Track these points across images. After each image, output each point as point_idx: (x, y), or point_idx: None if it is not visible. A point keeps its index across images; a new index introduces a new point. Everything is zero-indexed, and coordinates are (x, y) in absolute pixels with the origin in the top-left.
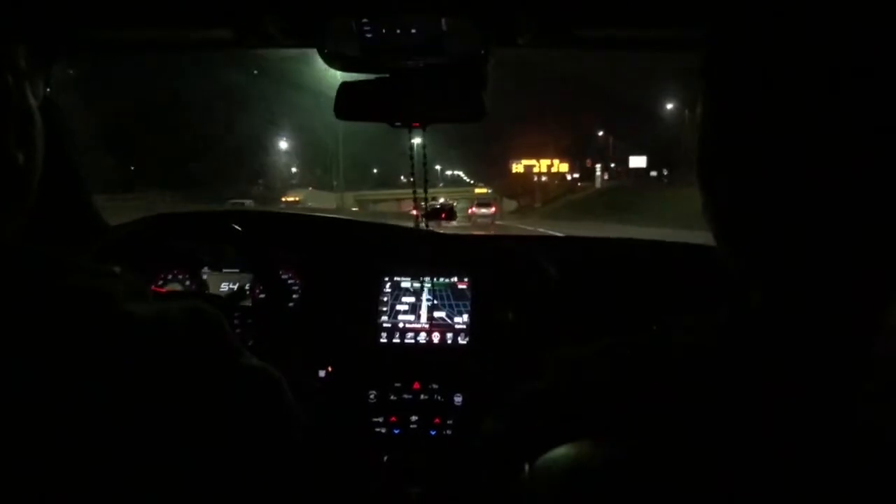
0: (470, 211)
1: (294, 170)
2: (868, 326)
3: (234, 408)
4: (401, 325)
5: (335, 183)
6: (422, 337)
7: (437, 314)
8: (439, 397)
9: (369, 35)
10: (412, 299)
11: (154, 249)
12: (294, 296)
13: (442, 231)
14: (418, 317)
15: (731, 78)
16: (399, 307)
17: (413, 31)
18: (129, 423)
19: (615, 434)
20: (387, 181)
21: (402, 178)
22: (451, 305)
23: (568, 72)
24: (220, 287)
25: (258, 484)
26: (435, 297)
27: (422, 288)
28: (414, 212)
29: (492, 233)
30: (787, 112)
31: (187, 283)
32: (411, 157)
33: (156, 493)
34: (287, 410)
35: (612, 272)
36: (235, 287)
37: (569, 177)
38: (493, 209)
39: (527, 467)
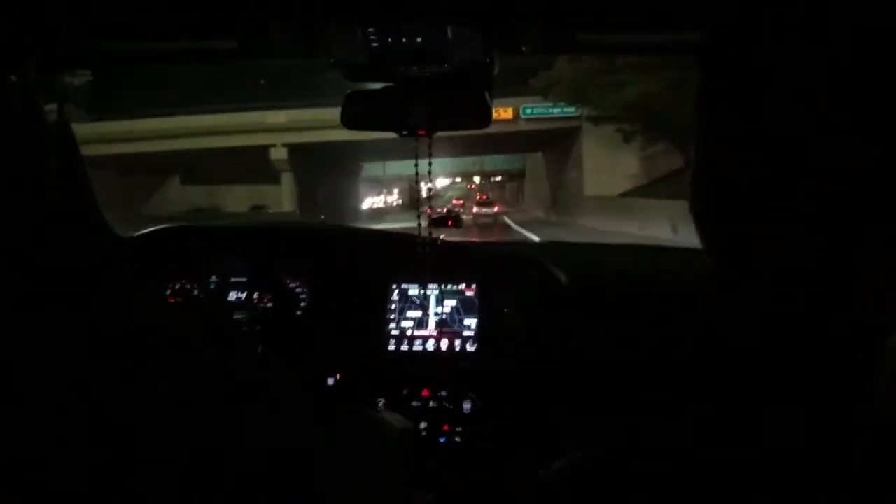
0: (473, 210)
1: None
2: (876, 328)
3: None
4: (409, 332)
5: None
6: (430, 344)
7: (445, 321)
8: (448, 404)
9: (375, 44)
10: (420, 307)
11: (162, 260)
12: (302, 304)
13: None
14: (426, 324)
15: (731, 78)
16: (407, 315)
17: (419, 39)
18: (138, 436)
19: (622, 440)
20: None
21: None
22: (458, 312)
23: None
24: (228, 296)
25: (266, 493)
26: (442, 304)
27: (429, 295)
28: None
29: (499, 240)
30: (787, 112)
31: (196, 292)
32: (416, 165)
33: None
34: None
35: (624, 279)
36: (244, 296)
37: None
38: (495, 209)
39: (542, 473)
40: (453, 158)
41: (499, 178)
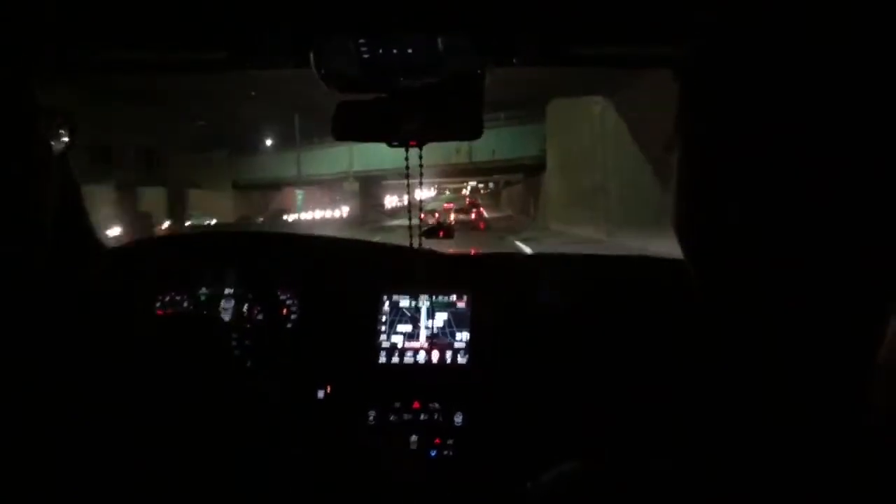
0: (451, 218)
1: None
2: (870, 336)
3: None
4: (400, 344)
5: None
6: (421, 356)
7: (436, 333)
8: (439, 417)
9: (366, 55)
10: (411, 318)
11: (152, 271)
12: (293, 316)
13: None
14: (417, 336)
15: (714, 97)
16: (398, 326)
17: (410, 50)
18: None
19: (610, 455)
20: None
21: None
22: (450, 324)
23: None
24: (218, 308)
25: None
26: (434, 316)
27: (420, 307)
28: None
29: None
30: (770, 123)
31: (186, 304)
32: (407, 176)
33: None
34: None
35: (616, 291)
36: (234, 308)
37: None
38: (473, 216)
39: (529, 485)
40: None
41: (490, 186)
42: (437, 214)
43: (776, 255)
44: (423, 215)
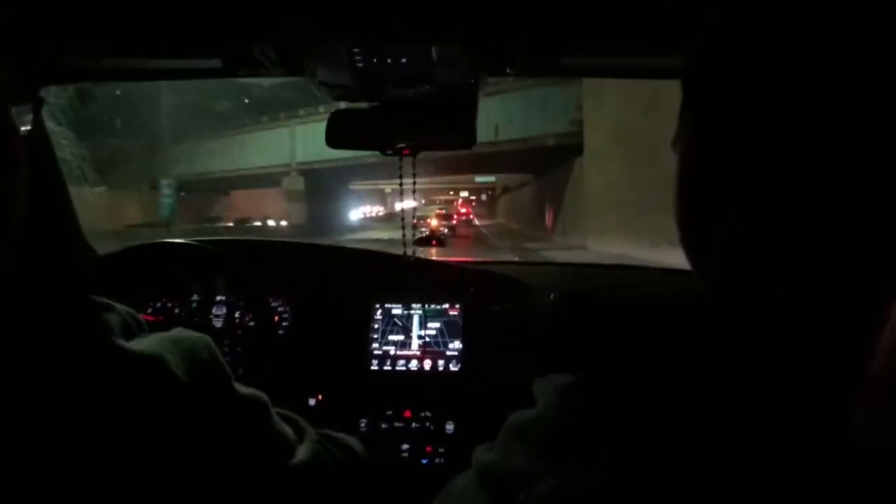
0: (431, 224)
1: None
2: (868, 341)
3: (228, 435)
4: (392, 352)
5: None
6: (413, 364)
7: (428, 341)
8: (431, 425)
9: (360, 64)
10: (403, 327)
11: (143, 277)
12: (284, 324)
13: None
14: (409, 344)
15: (715, 99)
16: (390, 335)
17: (404, 60)
18: (124, 454)
19: (607, 463)
20: None
21: None
22: (442, 332)
23: None
24: (210, 315)
25: None
26: (426, 324)
27: (413, 315)
28: None
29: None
30: (773, 129)
31: (177, 310)
32: (401, 185)
33: None
34: (276, 435)
35: (612, 301)
36: (225, 315)
37: None
38: (453, 221)
39: (522, 496)
40: None
41: (483, 198)
42: (426, 221)
43: (776, 256)
44: (416, 221)
